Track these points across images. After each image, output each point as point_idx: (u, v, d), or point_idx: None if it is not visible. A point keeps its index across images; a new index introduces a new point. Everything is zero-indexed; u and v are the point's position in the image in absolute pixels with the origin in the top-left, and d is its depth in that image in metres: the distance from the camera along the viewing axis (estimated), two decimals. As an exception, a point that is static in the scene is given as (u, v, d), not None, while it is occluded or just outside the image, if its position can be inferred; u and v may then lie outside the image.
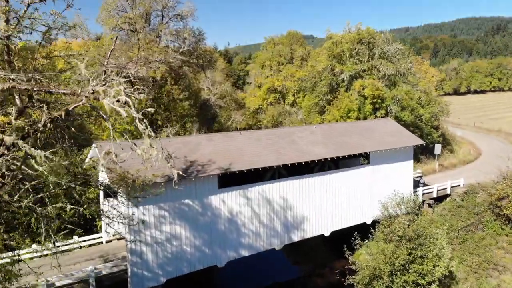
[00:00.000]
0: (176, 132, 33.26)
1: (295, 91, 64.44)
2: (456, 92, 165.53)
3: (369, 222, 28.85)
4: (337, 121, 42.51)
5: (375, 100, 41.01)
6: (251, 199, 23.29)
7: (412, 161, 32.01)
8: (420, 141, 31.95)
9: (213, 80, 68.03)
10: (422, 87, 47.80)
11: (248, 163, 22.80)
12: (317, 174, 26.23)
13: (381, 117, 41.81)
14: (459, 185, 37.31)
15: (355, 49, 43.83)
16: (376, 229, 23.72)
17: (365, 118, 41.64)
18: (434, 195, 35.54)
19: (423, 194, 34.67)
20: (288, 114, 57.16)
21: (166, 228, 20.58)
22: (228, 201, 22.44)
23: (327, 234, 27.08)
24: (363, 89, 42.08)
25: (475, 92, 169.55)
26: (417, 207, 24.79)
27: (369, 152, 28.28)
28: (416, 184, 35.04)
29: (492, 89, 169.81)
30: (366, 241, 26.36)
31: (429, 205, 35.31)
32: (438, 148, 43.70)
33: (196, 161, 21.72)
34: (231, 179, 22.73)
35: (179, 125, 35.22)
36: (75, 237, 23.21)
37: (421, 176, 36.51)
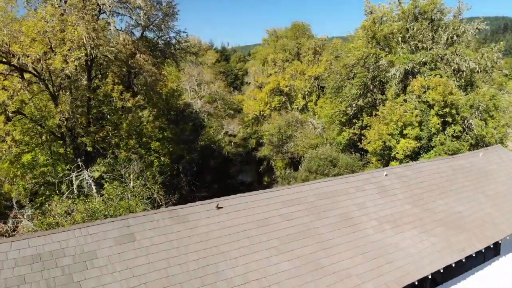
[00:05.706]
0: (100, 178, 17.27)
1: (306, 92, 49.05)
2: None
3: None
4: (384, 143, 26.91)
5: (445, 109, 25.60)
6: None
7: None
8: None
9: (201, 79, 52.83)
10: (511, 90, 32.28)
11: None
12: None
13: (455, 135, 26.33)
14: None
15: (410, 29, 28.21)
16: None
17: (429, 139, 26.14)
18: None
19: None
20: (300, 125, 41.37)
21: None
22: None
23: None
24: (425, 92, 26.62)
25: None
26: None
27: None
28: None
29: (508, 91, 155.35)
30: None
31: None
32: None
33: None
34: None
35: (117, 157, 19.20)
36: None
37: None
